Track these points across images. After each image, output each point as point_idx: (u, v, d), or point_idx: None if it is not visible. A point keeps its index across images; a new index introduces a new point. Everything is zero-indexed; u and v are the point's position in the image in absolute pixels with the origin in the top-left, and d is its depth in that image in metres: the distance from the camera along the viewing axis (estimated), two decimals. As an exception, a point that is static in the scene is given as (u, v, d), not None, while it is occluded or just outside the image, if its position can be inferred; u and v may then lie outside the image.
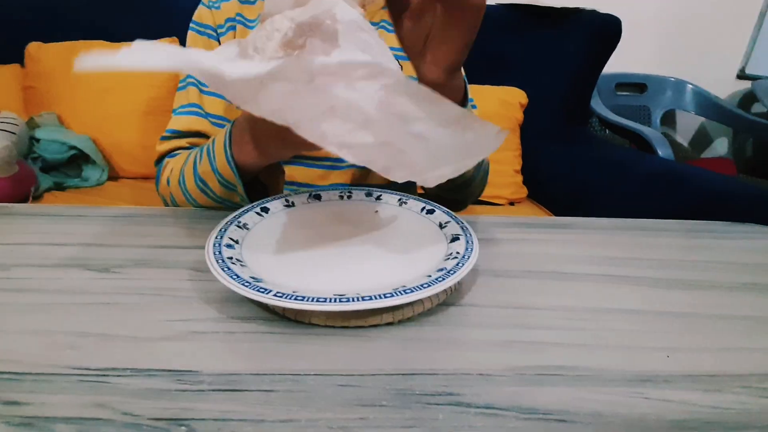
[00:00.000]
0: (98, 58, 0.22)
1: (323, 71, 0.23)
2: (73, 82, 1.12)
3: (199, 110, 0.54)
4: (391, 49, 0.30)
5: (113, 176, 1.14)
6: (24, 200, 0.95)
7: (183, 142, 0.53)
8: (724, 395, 0.25)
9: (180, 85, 0.55)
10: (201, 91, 0.54)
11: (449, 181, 0.48)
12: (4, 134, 0.97)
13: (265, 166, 0.44)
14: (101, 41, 1.16)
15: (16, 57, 1.16)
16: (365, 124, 0.25)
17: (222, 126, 0.54)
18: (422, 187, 0.56)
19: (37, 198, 0.98)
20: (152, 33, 1.17)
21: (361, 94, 0.24)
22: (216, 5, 0.55)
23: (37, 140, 1.06)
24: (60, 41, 1.15)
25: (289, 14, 0.26)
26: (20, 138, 1.01)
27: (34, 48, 1.15)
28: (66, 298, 0.32)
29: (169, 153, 0.53)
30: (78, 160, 1.10)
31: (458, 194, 0.55)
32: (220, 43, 0.55)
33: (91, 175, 1.09)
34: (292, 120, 0.25)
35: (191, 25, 0.56)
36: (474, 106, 0.57)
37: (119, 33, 1.17)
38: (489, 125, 0.27)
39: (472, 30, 0.33)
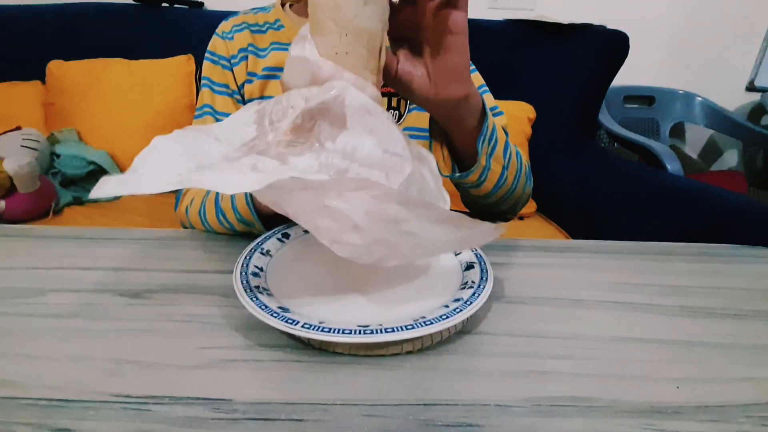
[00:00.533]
0: (114, 186, 0.24)
1: (315, 184, 0.25)
2: (93, 99, 1.16)
3: None
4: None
5: (130, 190, 1.17)
6: (45, 215, 0.98)
7: None
8: (731, 426, 0.26)
9: (197, 113, 0.58)
10: (217, 120, 0.56)
11: (485, 196, 0.48)
12: (27, 151, 1.01)
13: None
14: (120, 59, 1.20)
15: (38, 74, 1.21)
16: (354, 228, 0.27)
17: None
18: (465, 204, 0.54)
19: (57, 212, 1.01)
20: (167, 51, 1.21)
21: (349, 205, 0.26)
22: (229, 36, 0.58)
23: (58, 156, 1.10)
24: (80, 59, 1.19)
25: (305, 93, 0.28)
26: (42, 154, 1.04)
27: (55, 66, 1.19)
28: (102, 324, 0.34)
29: None
30: (96, 174, 1.13)
31: (499, 207, 0.52)
32: (233, 73, 0.57)
33: (109, 189, 1.12)
34: (290, 212, 0.28)
35: (207, 54, 0.58)
36: (500, 113, 0.57)
37: (137, 51, 1.21)
38: (484, 224, 0.28)
39: (463, 47, 0.35)
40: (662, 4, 1.50)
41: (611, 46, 1.22)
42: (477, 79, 0.59)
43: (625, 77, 1.40)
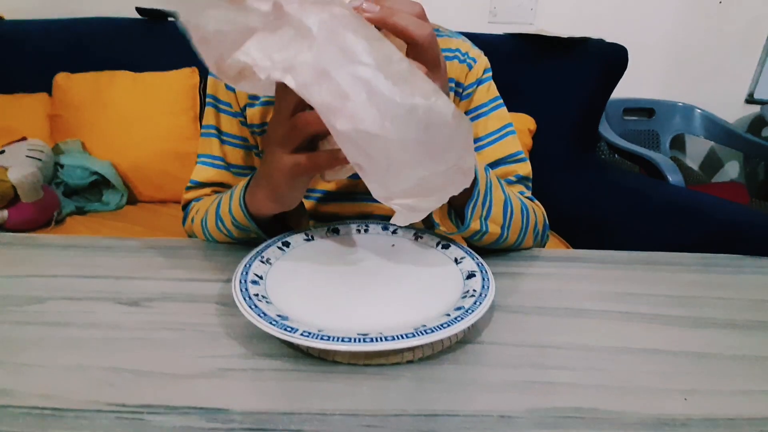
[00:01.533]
0: None
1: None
2: (98, 111, 1.17)
3: (221, 162, 0.57)
4: None
5: (132, 200, 1.18)
6: (47, 224, 0.98)
7: (207, 190, 0.57)
8: (743, 440, 0.26)
9: (203, 131, 0.58)
10: (222, 141, 0.57)
11: (488, 245, 0.46)
12: (32, 161, 1.01)
13: (280, 211, 0.45)
14: (125, 71, 1.21)
15: (45, 87, 1.22)
16: (310, 46, 0.26)
17: (242, 175, 0.57)
18: (467, 243, 0.52)
19: (59, 222, 1.01)
20: (172, 64, 1.23)
21: (308, 14, 0.26)
22: None
23: (62, 166, 1.10)
24: (87, 72, 1.21)
25: None
26: (46, 164, 1.05)
27: (62, 78, 1.20)
28: (99, 332, 0.33)
29: (195, 200, 0.56)
30: (99, 185, 1.14)
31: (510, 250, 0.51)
32: (235, 93, 0.58)
33: (111, 200, 1.13)
34: (250, 50, 0.28)
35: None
36: (524, 159, 0.56)
37: (142, 64, 1.23)
38: (437, 91, 0.26)
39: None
40: (661, 17, 1.52)
41: (610, 59, 1.23)
42: (501, 118, 0.56)
43: (625, 90, 1.40)
